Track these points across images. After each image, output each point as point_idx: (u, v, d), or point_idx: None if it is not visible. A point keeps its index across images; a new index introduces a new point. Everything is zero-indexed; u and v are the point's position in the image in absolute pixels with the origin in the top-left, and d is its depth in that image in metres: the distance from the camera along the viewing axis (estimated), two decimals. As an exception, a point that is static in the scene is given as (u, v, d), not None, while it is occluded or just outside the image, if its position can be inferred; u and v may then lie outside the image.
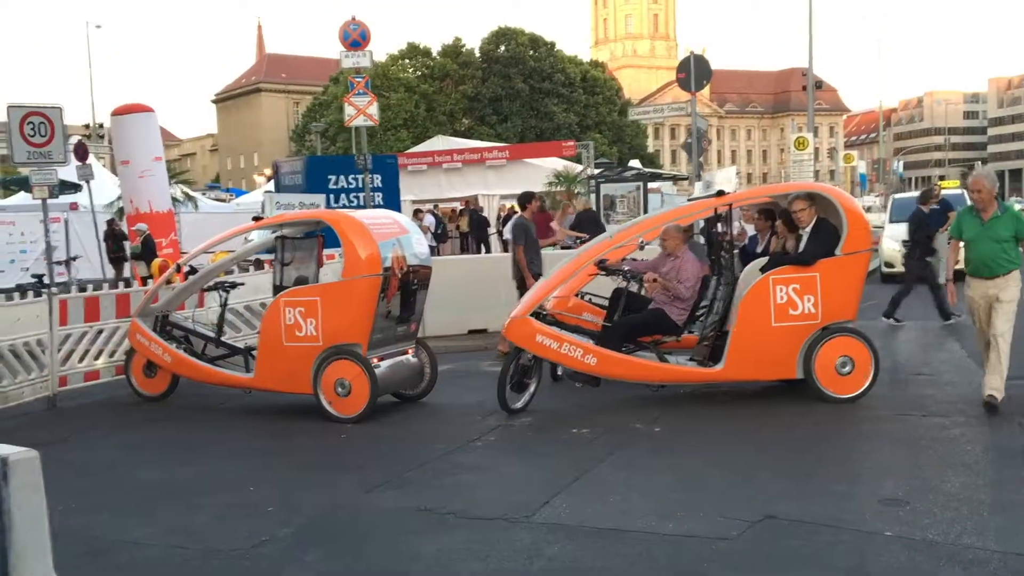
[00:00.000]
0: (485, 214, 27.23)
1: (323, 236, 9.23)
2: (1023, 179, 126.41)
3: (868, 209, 45.64)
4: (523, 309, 8.05)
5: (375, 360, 8.14)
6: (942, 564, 4.33)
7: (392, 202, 17.06)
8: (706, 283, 8.64)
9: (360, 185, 17.40)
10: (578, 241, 14.59)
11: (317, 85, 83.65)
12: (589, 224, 13.43)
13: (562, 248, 13.43)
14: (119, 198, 21.18)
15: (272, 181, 37.10)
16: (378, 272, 8.03)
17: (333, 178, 17.54)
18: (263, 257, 11.43)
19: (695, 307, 8.57)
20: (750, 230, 10.46)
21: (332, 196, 16.55)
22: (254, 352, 8.92)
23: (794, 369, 7.90)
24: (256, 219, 8.86)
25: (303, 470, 6.71)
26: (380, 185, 17.97)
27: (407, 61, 70.52)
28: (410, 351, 8.70)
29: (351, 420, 7.95)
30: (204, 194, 40.13)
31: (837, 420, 7.39)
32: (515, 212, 26.85)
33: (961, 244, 7.69)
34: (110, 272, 20.83)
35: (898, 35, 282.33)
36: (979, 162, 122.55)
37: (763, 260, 8.46)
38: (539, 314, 8.07)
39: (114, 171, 25.11)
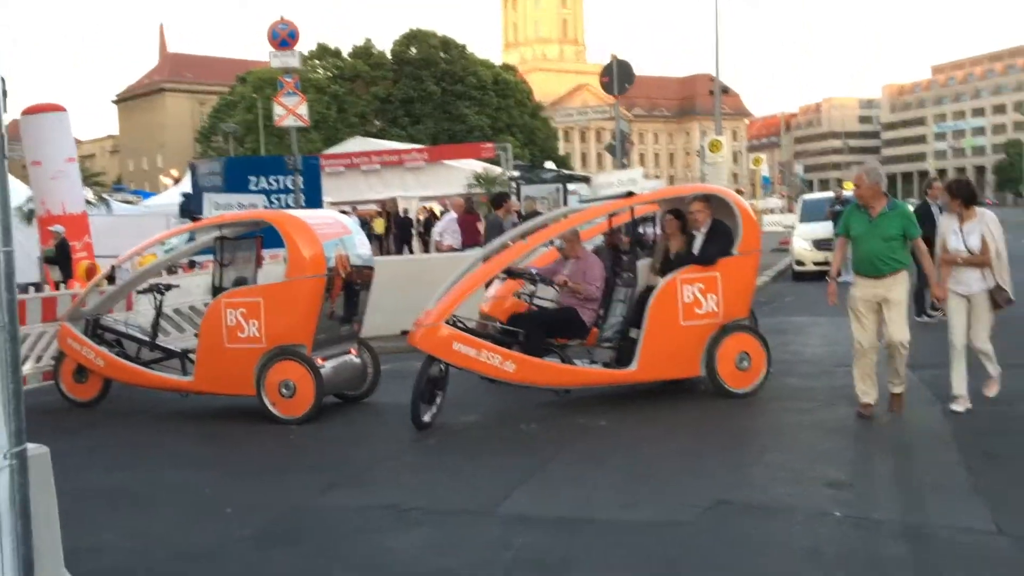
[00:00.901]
0: (404, 216, 27.17)
1: (262, 237, 9.14)
2: (915, 183, 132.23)
3: (772, 211, 47.17)
4: (435, 316, 7.52)
5: (320, 360, 8.12)
6: (891, 541, 4.61)
7: (314, 204, 16.88)
8: (607, 284, 8.52)
9: (281, 186, 17.22)
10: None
11: (223, 85, 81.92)
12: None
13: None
14: (29, 199, 20.37)
15: (177, 183, 36.20)
16: (323, 272, 8.02)
17: (254, 179, 17.26)
18: (196, 259, 11.23)
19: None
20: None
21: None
22: (190, 355, 8.78)
23: (699, 367, 8.05)
24: (194, 219, 8.71)
25: (255, 472, 6.67)
26: (302, 187, 17.79)
27: (317, 62, 69.68)
28: (353, 351, 8.70)
29: (296, 421, 7.91)
30: (110, 196, 38.82)
31: (772, 410, 7.70)
32: (434, 213, 26.86)
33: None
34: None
35: (797, 42, 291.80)
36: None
37: (649, 260, 8.85)
38: (451, 321, 7.59)
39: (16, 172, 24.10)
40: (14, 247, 2.63)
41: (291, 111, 13.23)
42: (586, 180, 36.94)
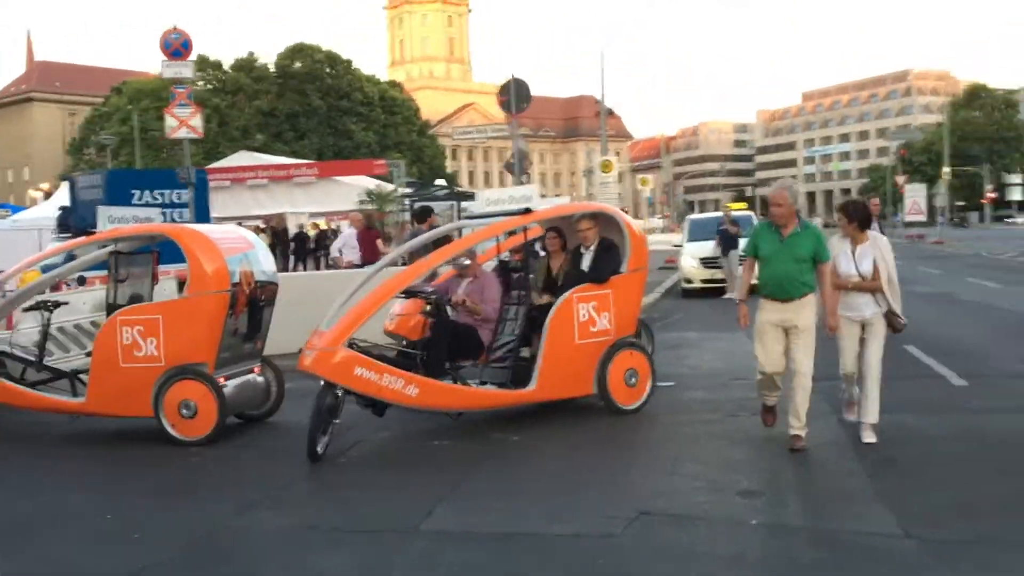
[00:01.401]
0: (291, 232, 26.67)
1: (158, 252, 8.81)
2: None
3: (655, 230, 48.34)
4: (332, 338, 7.04)
5: (222, 379, 7.87)
6: (808, 547, 4.78)
7: (203, 219, 16.41)
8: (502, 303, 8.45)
9: (167, 200, 16.65)
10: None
11: (96, 96, 78.77)
12: (446, 242, 13.51)
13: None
14: None
15: (49, 197, 34.47)
16: (226, 288, 7.78)
17: (137, 193, 16.63)
18: (86, 274, 10.72)
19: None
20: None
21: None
22: (81, 375, 8.37)
23: (592, 385, 8.02)
24: (86, 233, 8.32)
25: (159, 495, 6.38)
26: (188, 201, 17.25)
27: (197, 74, 67.89)
28: (256, 369, 8.47)
29: (198, 442, 7.64)
30: (-26, 210, 36.79)
31: (679, 423, 7.87)
32: (327, 230, 26.45)
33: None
34: None
35: (676, 67, 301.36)
36: (749, 187, 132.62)
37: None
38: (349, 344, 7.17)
39: None
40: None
41: (184, 123, 12.83)
42: (472, 197, 37.20)
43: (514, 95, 15.49)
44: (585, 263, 8.36)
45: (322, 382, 6.98)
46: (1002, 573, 4.38)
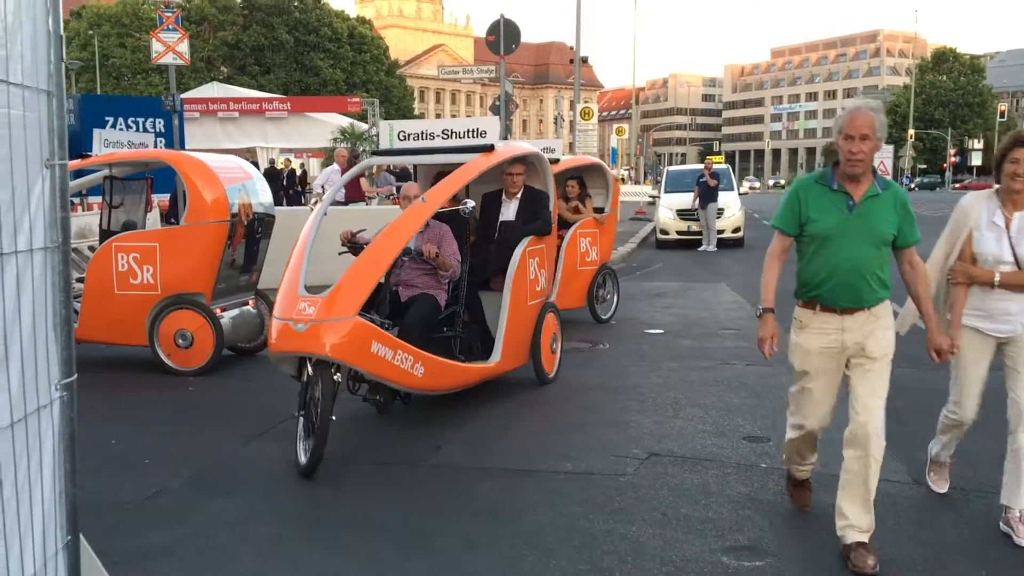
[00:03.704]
0: (262, 167, 26.29)
1: (152, 178, 8.64)
2: (752, 160, 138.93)
3: (624, 181, 48.41)
4: (345, 305, 5.22)
5: (218, 311, 7.80)
6: (819, 490, 4.88)
7: (180, 149, 16.13)
8: None
9: (141, 128, 16.32)
10: (390, 198, 14.55)
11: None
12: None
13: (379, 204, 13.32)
14: None
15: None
16: (225, 218, 7.68)
17: (111, 119, 16.28)
18: (72, 199, 10.47)
19: None
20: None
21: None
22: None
23: (527, 353, 7.14)
24: (82, 156, 8.08)
25: (162, 423, 6.36)
26: (163, 130, 16.93)
27: (160, 1, 66.04)
28: (251, 302, 8.40)
29: (193, 373, 7.61)
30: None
31: (675, 368, 7.94)
32: (279, 168, 26.00)
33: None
34: None
35: (646, 17, 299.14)
36: (716, 141, 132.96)
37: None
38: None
39: None
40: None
41: (170, 48, 12.48)
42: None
43: (503, 35, 15.28)
44: (510, 212, 7.33)
45: (308, 367, 5.24)
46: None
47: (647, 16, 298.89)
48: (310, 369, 5.23)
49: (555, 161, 9.39)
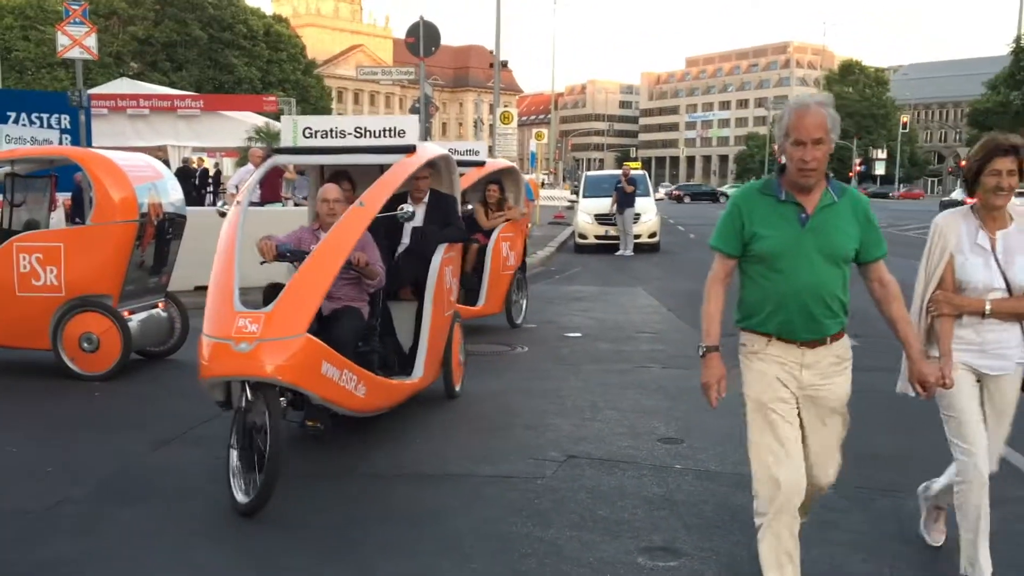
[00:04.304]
0: (174, 166, 25.62)
1: (56, 176, 8.33)
2: (667, 167, 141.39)
3: (543, 184, 48.87)
4: (294, 322, 4.67)
5: (126, 313, 7.56)
6: (734, 490, 4.98)
7: (87, 146, 15.59)
8: None
9: (46, 124, 15.72)
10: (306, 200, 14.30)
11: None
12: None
13: (295, 206, 13.09)
14: None
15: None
16: (134, 218, 7.44)
17: (13, 115, 15.65)
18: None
19: None
20: None
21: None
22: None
23: (439, 368, 6.73)
24: (-19, 153, 7.73)
25: (66, 429, 6.12)
26: (68, 127, 16.35)
27: (68, -7, 63.82)
28: (161, 305, 8.17)
29: (99, 378, 7.37)
30: None
31: (593, 371, 8.01)
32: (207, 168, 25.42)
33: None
34: None
35: (566, 23, 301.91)
36: (633, 148, 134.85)
37: None
38: None
39: None
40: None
41: (77, 42, 12.09)
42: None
43: (423, 37, 15.21)
44: (418, 218, 6.91)
45: (247, 392, 4.64)
46: (909, 518, 4.67)
47: (566, 22, 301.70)
48: (249, 394, 4.62)
49: (480, 164, 9.48)
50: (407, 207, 6.12)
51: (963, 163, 4.24)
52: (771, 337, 3.38)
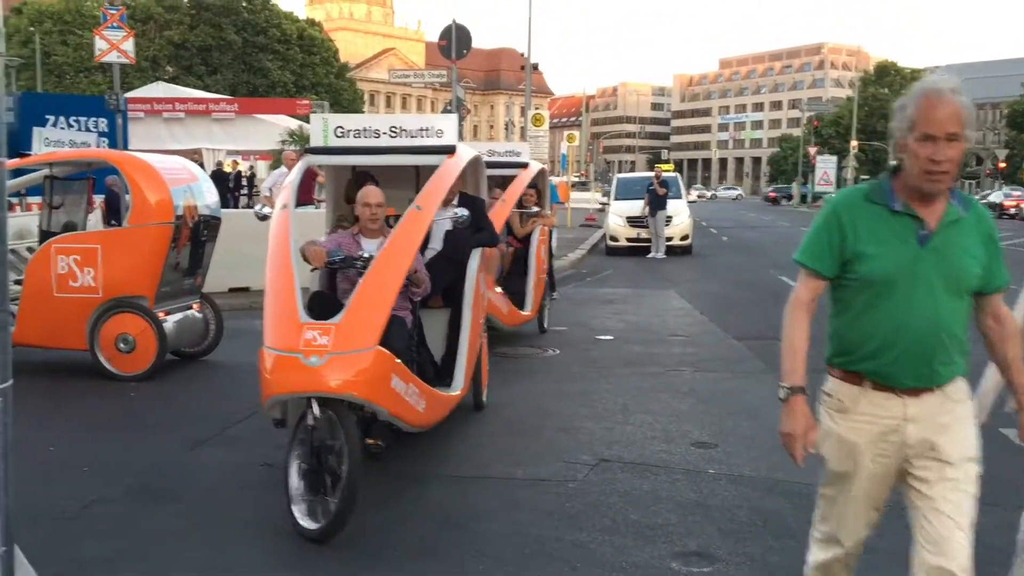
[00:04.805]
0: (208, 169, 25.90)
1: (93, 178, 8.43)
2: (699, 169, 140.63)
3: (574, 187, 48.87)
4: (365, 334, 4.42)
5: (162, 314, 7.64)
6: (767, 495, 4.93)
7: (124, 149, 15.80)
8: None
9: (83, 127, 15.95)
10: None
11: (-7, 14, 74.29)
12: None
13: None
14: None
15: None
16: (170, 220, 7.52)
17: (52, 118, 15.90)
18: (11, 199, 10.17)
19: None
20: None
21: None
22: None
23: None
24: (20, 155, 7.85)
25: (103, 429, 6.20)
26: (106, 130, 16.58)
27: (105, 1, 64.78)
28: (196, 306, 8.24)
29: (134, 378, 7.44)
30: None
31: (624, 375, 7.96)
32: (241, 171, 25.64)
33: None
34: None
35: (597, 25, 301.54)
36: (664, 150, 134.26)
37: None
38: None
39: None
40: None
41: (115, 46, 12.22)
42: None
43: (455, 40, 15.25)
44: (447, 222, 6.40)
45: (315, 409, 4.28)
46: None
47: (597, 24, 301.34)
48: (316, 411, 4.28)
49: (523, 165, 9.69)
50: (460, 210, 5.93)
51: (1001, 165, 4.00)
52: (866, 383, 2.69)
